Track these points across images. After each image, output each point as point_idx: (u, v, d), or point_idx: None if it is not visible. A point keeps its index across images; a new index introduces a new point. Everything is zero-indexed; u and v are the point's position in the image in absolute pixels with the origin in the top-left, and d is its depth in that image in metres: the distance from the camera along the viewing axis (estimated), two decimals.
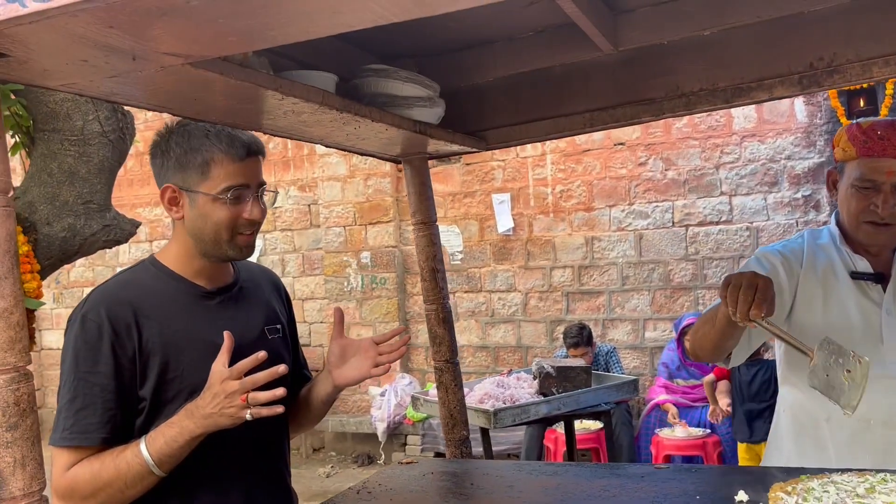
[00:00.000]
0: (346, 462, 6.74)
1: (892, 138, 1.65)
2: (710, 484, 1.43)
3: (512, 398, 2.78)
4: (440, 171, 6.65)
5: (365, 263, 6.85)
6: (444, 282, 2.15)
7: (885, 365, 1.69)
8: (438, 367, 2.16)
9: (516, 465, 1.68)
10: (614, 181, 6.07)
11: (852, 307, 1.74)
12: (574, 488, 1.46)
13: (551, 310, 6.31)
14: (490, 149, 2.13)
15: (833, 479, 1.37)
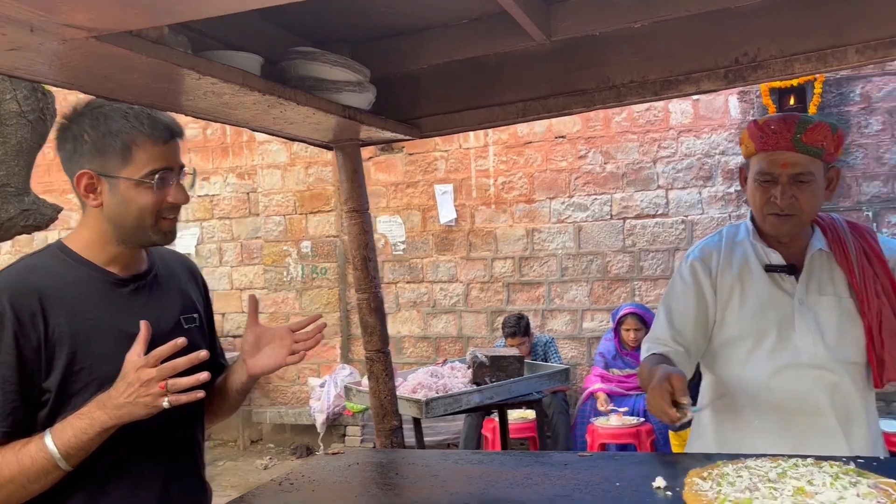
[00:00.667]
0: (285, 454, 6.65)
1: (783, 132, 1.70)
2: (630, 471, 1.44)
3: (445, 388, 2.78)
4: (383, 161, 6.60)
5: (305, 253, 6.76)
6: (375, 271, 2.12)
7: (799, 353, 1.74)
8: (370, 356, 2.14)
9: (443, 455, 1.68)
10: (555, 174, 6.13)
11: (767, 299, 1.79)
12: (498, 476, 1.47)
13: (492, 300, 6.35)
14: (424, 136, 2.11)
15: (747, 465, 1.40)
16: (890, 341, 1.72)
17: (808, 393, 1.74)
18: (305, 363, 6.77)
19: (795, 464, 1.38)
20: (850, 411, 1.74)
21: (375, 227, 6.64)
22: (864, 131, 5.18)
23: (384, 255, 6.63)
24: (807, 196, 1.70)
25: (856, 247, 1.81)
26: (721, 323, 1.84)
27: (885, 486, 1.25)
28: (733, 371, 1.83)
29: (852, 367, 1.74)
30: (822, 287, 1.78)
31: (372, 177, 6.64)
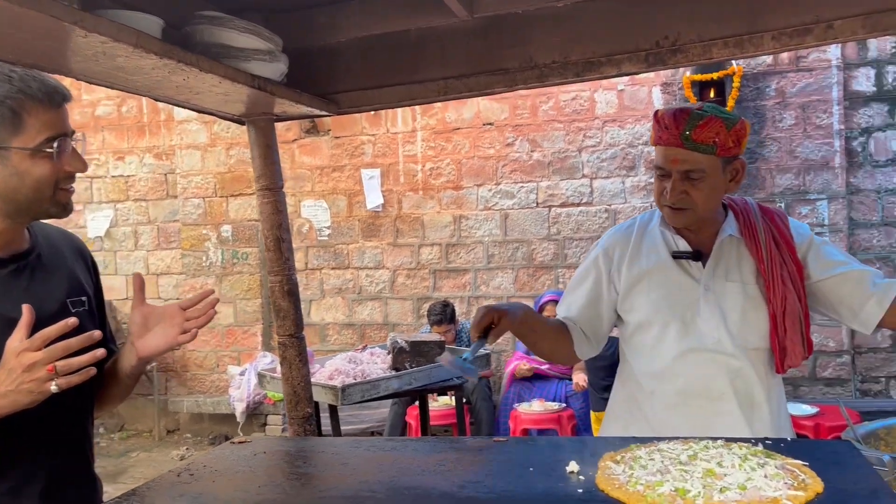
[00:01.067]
0: (202, 444, 6.46)
1: (672, 129, 1.70)
2: (544, 455, 1.42)
3: (363, 374, 2.71)
4: (308, 144, 6.45)
5: (226, 237, 6.55)
6: (290, 252, 2.03)
7: (702, 338, 1.76)
8: (282, 342, 2.05)
9: (355, 442, 1.61)
10: (482, 161, 6.11)
11: (674, 286, 1.80)
12: (410, 463, 1.42)
13: (418, 287, 6.30)
14: (342, 113, 2.03)
15: (660, 448, 1.39)
16: (793, 328, 1.75)
17: (711, 378, 1.76)
18: (225, 350, 6.58)
19: (706, 446, 1.37)
20: (752, 397, 1.76)
21: (300, 211, 6.49)
22: (779, 125, 5.36)
23: (309, 241, 6.49)
24: (699, 192, 1.70)
25: (766, 232, 1.83)
26: (630, 310, 1.85)
27: (792, 466, 1.26)
28: (642, 356, 1.85)
29: (754, 353, 1.76)
30: (729, 273, 1.79)
31: (297, 160, 6.48)
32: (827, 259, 1.81)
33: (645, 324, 1.83)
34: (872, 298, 1.73)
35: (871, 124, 5.31)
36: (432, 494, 1.25)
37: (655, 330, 1.81)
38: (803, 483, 1.19)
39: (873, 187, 5.31)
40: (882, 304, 1.72)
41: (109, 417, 6.95)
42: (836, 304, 1.79)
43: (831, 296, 1.79)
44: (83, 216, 6.97)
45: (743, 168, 1.80)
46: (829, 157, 5.28)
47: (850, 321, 1.78)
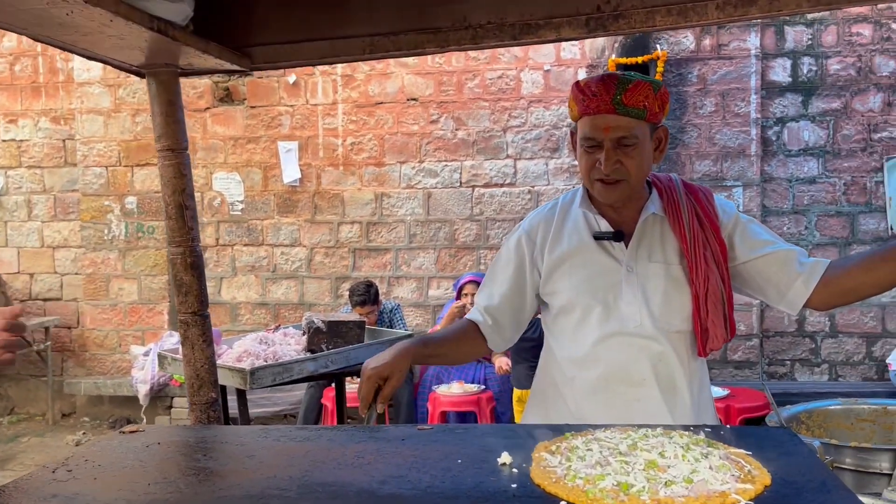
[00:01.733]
0: (102, 428, 6.09)
1: (603, 94, 1.62)
2: (473, 445, 1.30)
3: (275, 355, 2.52)
4: (221, 113, 6.12)
5: (130, 209, 6.15)
6: (193, 221, 1.83)
7: (623, 322, 1.68)
8: (184, 320, 1.85)
9: (263, 432, 1.45)
10: (406, 137, 5.95)
11: (596, 268, 1.72)
12: (325, 455, 1.27)
13: (337, 266, 6.10)
14: (256, 68, 1.84)
15: (597, 437, 1.29)
16: (715, 310, 1.69)
17: (633, 363, 1.69)
18: (128, 329, 6.20)
19: (646, 434, 1.29)
20: (674, 381, 1.70)
21: (211, 184, 6.17)
22: (699, 112, 5.42)
23: (220, 215, 6.18)
24: (633, 160, 1.63)
25: (689, 210, 1.76)
26: (553, 293, 1.77)
27: (736, 457, 1.19)
28: (563, 341, 1.77)
29: (676, 337, 1.70)
30: (652, 253, 1.72)
31: (209, 129, 6.14)
32: (753, 239, 1.76)
33: (567, 307, 1.75)
34: (799, 279, 1.69)
35: (786, 114, 5.44)
36: (349, 492, 1.11)
37: (577, 314, 1.73)
38: (750, 475, 1.12)
39: (785, 176, 5.46)
40: (808, 285, 1.68)
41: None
42: (763, 284, 1.75)
43: (758, 277, 1.74)
44: None
45: (666, 136, 1.73)
46: (745, 145, 5.39)
47: (777, 302, 1.74)
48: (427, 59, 5.85)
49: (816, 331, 5.49)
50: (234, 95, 6.14)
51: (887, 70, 5.33)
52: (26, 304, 6.33)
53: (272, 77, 6.04)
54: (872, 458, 1.81)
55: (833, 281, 1.67)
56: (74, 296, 6.35)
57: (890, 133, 5.33)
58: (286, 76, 6.01)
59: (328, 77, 5.98)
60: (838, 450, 1.85)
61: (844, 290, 1.68)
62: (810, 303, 1.70)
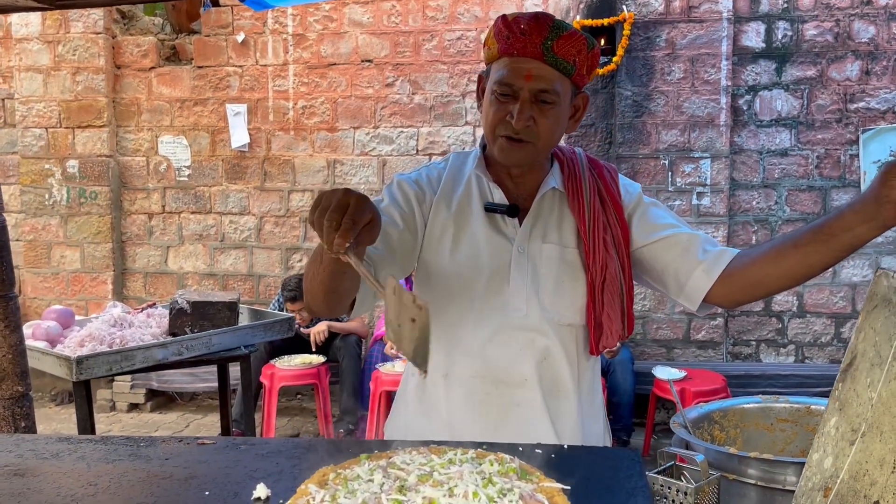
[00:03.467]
0: (43, 401, 5.87)
1: (533, 35, 1.35)
2: (244, 468, 1.05)
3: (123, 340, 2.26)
4: (167, 73, 5.80)
5: (72, 174, 5.86)
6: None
7: (507, 311, 1.42)
8: None
9: (13, 442, 1.21)
10: (360, 101, 5.64)
11: (484, 244, 1.45)
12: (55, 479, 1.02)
13: (288, 236, 5.83)
14: (61, 6, 1.56)
15: (393, 461, 1.05)
16: (612, 302, 1.44)
17: (514, 360, 1.42)
18: (71, 299, 5.95)
19: (451, 460, 1.04)
20: (559, 384, 1.44)
21: (157, 148, 5.87)
22: (667, 78, 5.11)
23: (166, 181, 5.89)
24: (547, 120, 1.37)
25: (592, 187, 1.50)
26: (428, 264, 1.48)
27: (545, 494, 0.94)
28: (441, 328, 1.49)
29: (566, 330, 1.45)
30: (548, 233, 1.46)
31: (154, 90, 5.82)
32: (652, 221, 1.50)
33: (442, 286, 1.46)
34: (700, 267, 1.43)
35: (758, 82, 5.14)
36: None
37: (457, 297, 1.45)
38: None
39: (756, 147, 5.17)
40: (710, 275, 1.42)
41: None
42: (661, 272, 1.49)
43: (655, 263, 1.49)
44: None
45: (585, 104, 1.47)
46: (715, 114, 5.09)
47: (676, 293, 1.48)
48: (383, 18, 5.52)
49: (784, 310, 5.25)
50: (181, 55, 5.81)
51: (866, 36, 5.01)
52: None
53: (220, 35, 5.71)
54: (776, 470, 1.57)
55: (737, 272, 1.41)
56: (15, 263, 6.06)
57: (867, 104, 5.03)
58: (235, 35, 5.68)
59: (279, 36, 5.66)
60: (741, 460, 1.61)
61: (750, 283, 1.42)
62: (712, 297, 1.44)
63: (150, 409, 5.66)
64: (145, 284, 5.98)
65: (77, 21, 5.67)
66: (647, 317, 5.23)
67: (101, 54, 5.73)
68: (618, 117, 5.16)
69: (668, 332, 5.23)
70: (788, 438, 1.93)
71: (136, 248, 5.97)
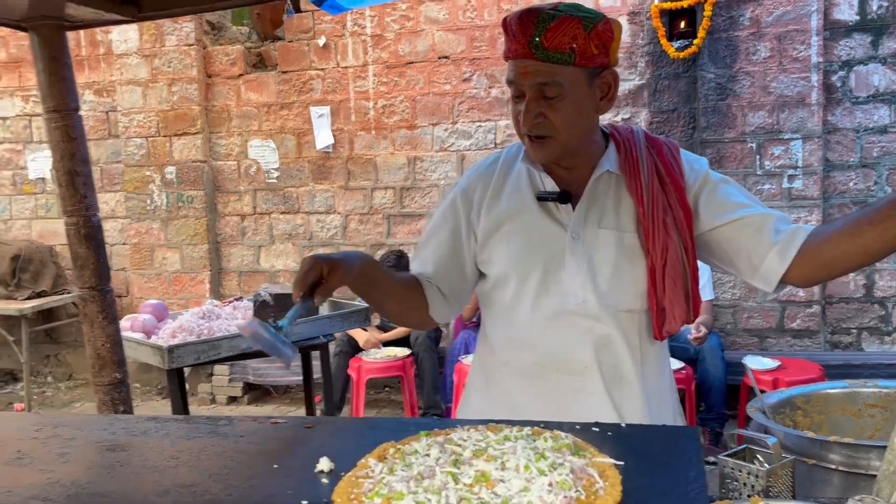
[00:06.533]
0: (151, 394, 6.25)
1: (520, 35, 1.35)
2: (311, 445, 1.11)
3: (210, 331, 2.39)
4: (253, 80, 6.04)
5: (170, 180, 6.19)
6: (88, 188, 1.70)
7: (564, 299, 1.43)
8: (82, 295, 1.74)
9: (107, 422, 1.31)
10: (438, 97, 5.71)
11: (536, 232, 1.47)
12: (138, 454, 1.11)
13: (372, 233, 5.97)
14: (143, 18, 1.68)
15: (449, 438, 1.08)
16: (674, 285, 1.42)
17: (573, 347, 1.43)
18: (172, 298, 6.29)
19: (506, 437, 1.06)
20: (621, 370, 1.44)
21: (247, 152, 6.13)
22: (752, 58, 4.92)
23: (256, 183, 6.14)
24: (558, 113, 1.37)
25: (650, 168, 1.48)
26: (488, 262, 1.52)
27: (597, 468, 0.95)
28: (498, 318, 1.53)
29: (627, 317, 1.44)
30: (604, 218, 1.46)
31: (242, 97, 6.08)
32: (722, 201, 1.47)
33: (501, 279, 1.50)
34: (773, 249, 1.40)
35: (853, 57, 4.87)
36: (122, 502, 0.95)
37: (512, 287, 1.48)
38: (595, 495, 0.88)
39: (852, 126, 4.91)
40: (784, 257, 1.39)
41: (57, 366, 6.74)
42: (733, 255, 1.46)
43: (727, 245, 1.46)
44: (23, 157, 6.63)
45: (616, 81, 1.44)
46: (805, 93, 4.86)
47: (750, 276, 1.45)
48: (458, 14, 5.56)
49: (887, 296, 4.96)
50: (267, 61, 6.04)
51: None
52: None
53: (302, 40, 5.90)
54: (859, 455, 1.51)
55: (812, 251, 1.37)
56: (123, 265, 6.49)
57: None
58: (316, 39, 5.86)
59: (358, 38, 5.79)
60: (822, 445, 1.55)
61: (826, 262, 1.37)
62: (789, 278, 1.41)
63: (248, 401, 5.91)
64: (239, 283, 6.25)
65: (171, 35, 5.99)
66: (738, 305, 5.06)
67: (194, 65, 6.03)
68: (701, 101, 5.01)
69: (761, 320, 5.04)
70: (878, 424, 1.85)
71: (230, 248, 6.25)
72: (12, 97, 6.59)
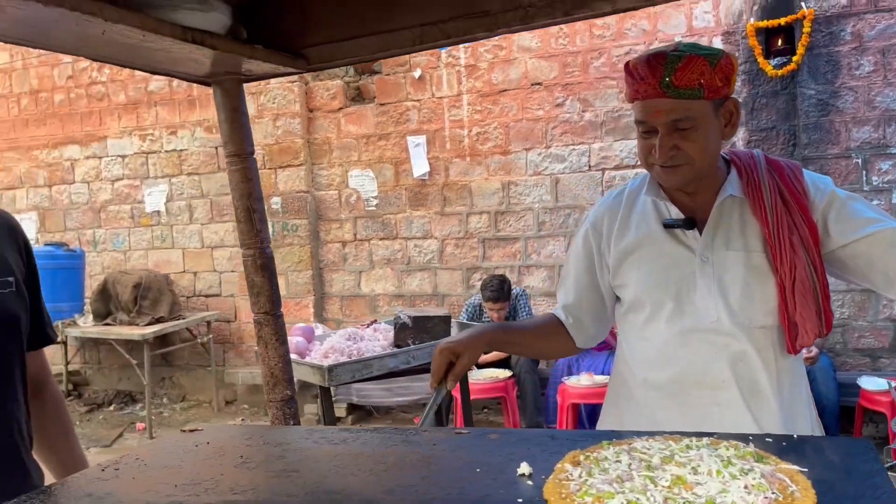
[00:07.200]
0: (259, 415, 6.53)
1: (650, 78, 1.45)
2: (502, 452, 1.23)
3: (359, 352, 2.56)
4: (353, 112, 6.32)
5: (276, 209, 6.53)
6: (263, 224, 1.89)
7: (698, 318, 1.52)
8: (258, 319, 1.92)
9: (307, 432, 1.47)
10: (531, 123, 5.84)
11: (668, 259, 1.56)
12: (350, 460, 1.25)
13: (467, 257, 6.12)
14: (312, 69, 1.86)
15: (633, 447, 1.18)
16: (804, 301, 1.48)
17: (709, 363, 1.52)
18: None
19: (688, 445, 1.15)
20: (757, 385, 1.51)
21: (347, 181, 6.40)
22: (855, 73, 4.85)
23: (357, 211, 6.40)
24: (692, 143, 1.46)
25: (772, 190, 1.56)
26: (622, 287, 1.64)
27: (784, 474, 1.03)
28: (633, 339, 1.63)
29: (760, 333, 1.51)
30: (731, 241, 1.54)
31: (343, 129, 6.37)
32: (852, 218, 1.52)
33: (636, 302, 1.62)
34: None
35: None
36: (351, 501, 1.09)
37: (647, 309, 1.59)
38: (791, 497, 0.96)
39: None
40: None
41: (171, 388, 7.13)
42: (867, 270, 1.50)
43: (860, 261, 1.51)
44: (141, 191, 7.10)
45: (737, 109, 1.54)
46: None
47: (886, 289, 1.50)
48: (550, 41, 5.70)
49: None
50: (365, 94, 6.32)
51: None
52: (191, 300, 6.92)
53: (398, 73, 6.15)
54: None
55: None
56: (231, 292, 6.85)
57: None
58: (412, 71, 6.09)
59: (452, 69, 6.00)
60: None
61: None
62: None
63: (351, 422, 6.12)
64: (342, 307, 6.50)
65: None
66: (847, 325, 4.94)
67: (297, 100, 6.37)
68: (801, 118, 4.96)
69: (873, 340, 4.90)
70: None
71: (332, 273, 6.52)
72: (131, 136, 7.09)
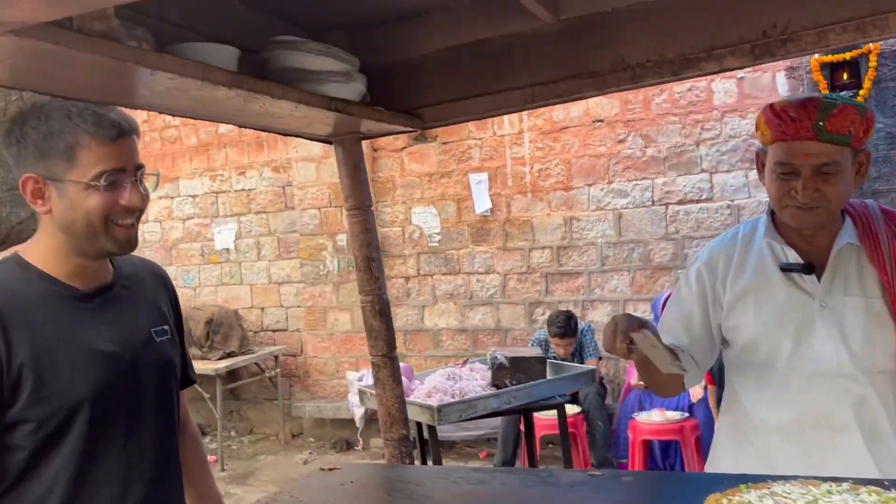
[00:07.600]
0: (325, 448, 6.64)
1: (804, 120, 1.52)
2: (641, 495, 1.30)
3: (461, 391, 2.64)
4: (416, 151, 6.49)
5: (341, 246, 6.70)
6: (380, 271, 2.01)
7: (820, 361, 1.57)
8: (375, 362, 2.03)
9: (442, 472, 1.56)
10: (593, 159, 5.92)
11: (785, 302, 1.62)
12: (494, 499, 1.34)
13: (530, 291, 6.19)
14: (427, 128, 1.99)
15: (774, 490, 1.24)
16: None
17: (831, 407, 1.56)
18: (343, 356, 6.73)
19: (829, 490, 1.21)
20: (879, 427, 1.55)
21: (410, 218, 6.54)
22: None
23: (420, 247, 6.53)
24: (833, 187, 1.53)
25: (889, 238, 1.61)
26: (736, 329, 1.69)
27: None
28: (749, 381, 1.68)
29: (881, 377, 1.56)
30: (849, 286, 1.59)
31: (406, 167, 6.54)
32: None
33: (752, 345, 1.66)
34: None
35: None
36: None
37: (764, 351, 1.64)
38: None
39: None
40: None
41: (239, 421, 7.30)
42: None
43: None
44: (210, 230, 7.36)
45: (868, 160, 1.61)
46: None
47: None
48: None
49: None
50: (427, 134, 6.48)
51: None
52: (258, 335, 7.11)
53: None
54: None
55: None
56: (297, 326, 7.02)
57: None
58: None
59: None
60: None
61: None
62: None
63: None
64: (405, 341, 6.61)
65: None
66: None
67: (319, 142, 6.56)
68: (871, 151, 4.94)
69: None
70: None
71: (396, 308, 6.63)
72: (201, 177, 7.38)
